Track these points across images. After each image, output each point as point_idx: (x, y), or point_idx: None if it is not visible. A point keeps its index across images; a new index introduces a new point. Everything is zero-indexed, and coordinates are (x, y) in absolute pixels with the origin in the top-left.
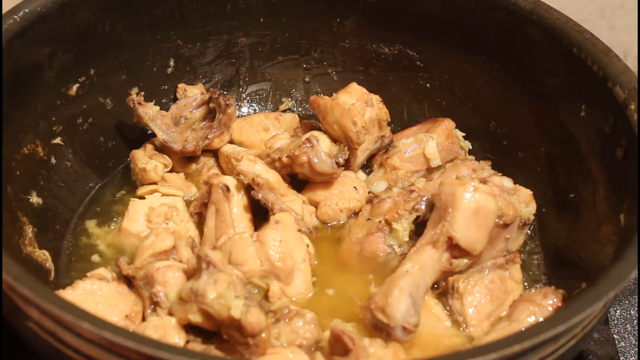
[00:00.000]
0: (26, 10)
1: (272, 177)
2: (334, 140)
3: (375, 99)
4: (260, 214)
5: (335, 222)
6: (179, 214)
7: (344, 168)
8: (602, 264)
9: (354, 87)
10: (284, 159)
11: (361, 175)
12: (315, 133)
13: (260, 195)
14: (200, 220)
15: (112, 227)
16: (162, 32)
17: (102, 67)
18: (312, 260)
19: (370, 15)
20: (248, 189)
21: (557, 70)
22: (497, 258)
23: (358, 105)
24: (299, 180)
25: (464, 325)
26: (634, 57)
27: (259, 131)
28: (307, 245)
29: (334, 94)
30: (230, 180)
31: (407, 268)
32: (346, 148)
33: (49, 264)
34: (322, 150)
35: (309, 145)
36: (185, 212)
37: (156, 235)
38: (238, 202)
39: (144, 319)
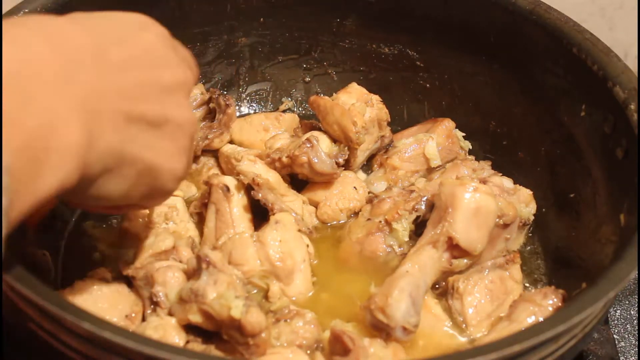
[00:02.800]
0: (26, 11)
1: (272, 177)
2: (334, 140)
3: (375, 99)
4: (260, 214)
5: (335, 222)
6: (179, 214)
7: (344, 168)
8: (602, 264)
9: (354, 87)
10: (284, 159)
11: (361, 175)
12: (315, 133)
13: (260, 195)
14: (200, 220)
15: (112, 227)
16: None
17: None
18: (312, 260)
19: (370, 15)
20: (248, 189)
21: (557, 70)
22: (497, 258)
23: (358, 106)
24: (299, 180)
25: (464, 325)
26: (634, 57)
27: (259, 131)
28: (307, 245)
29: (334, 94)
30: (230, 180)
31: (407, 268)
32: (346, 148)
33: (49, 264)
34: (322, 151)
35: (309, 146)
36: (185, 212)
37: (156, 235)
38: (238, 202)
39: (144, 319)
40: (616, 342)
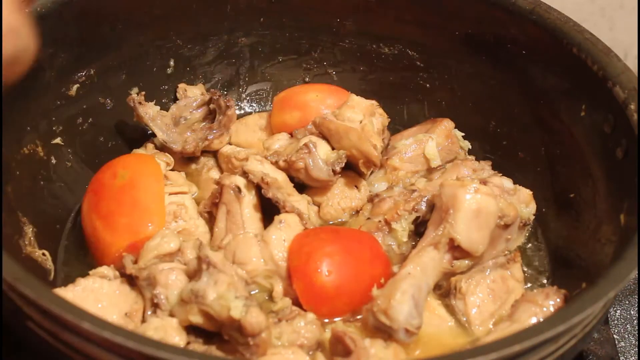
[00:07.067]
0: (26, 11)
1: (279, 176)
2: (333, 147)
3: (375, 105)
4: (268, 214)
5: (338, 220)
6: (188, 211)
7: (340, 175)
8: (602, 264)
9: (355, 99)
10: (281, 163)
11: None
12: (314, 138)
13: (270, 193)
14: (210, 219)
15: None
16: (162, 32)
17: (102, 67)
18: None
19: (370, 15)
20: (258, 188)
21: (557, 70)
22: (497, 258)
23: (368, 124)
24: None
25: (468, 325)
26: (634, 57)
27: (255, 131)
28: None
29: (335, 110)
30: (241, 181)
31: (409, 270)
32: (344, 156)
33: (49, 264)
34: (319, 157)
35: (306, 152)
36: (194, 208)
37: (162, 237)
38: (249, 202)
39: (144, 319)
40: (616, 342)
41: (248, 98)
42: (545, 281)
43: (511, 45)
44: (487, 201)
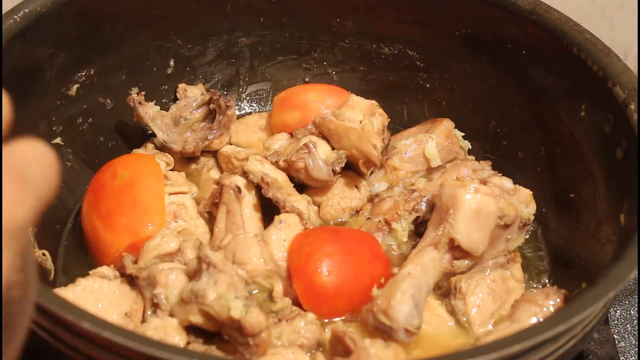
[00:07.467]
0: (26, 10)
1: (279, 176)
2: (333, 147)
3: (375, 105)
4: (268, 214)
5: (338, 220)
6: (188, 211)
7: (340, 175)
8: (602, 264)
9: (355, 99)
10: (281, 163)
11: None
12: (314, 138)
13: (270, 194)
14: (210, 219)
15: None
16: (162, 32)
17: (102, 67)
18: None
19: (370, 15)
20: (258, 188)
21: (557, 70)
22: (497, 258)
23: (368, 124)
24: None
25: (468, 325)
26: (634, 57)
27: (255, 131)
28: None
29: (335, 110)
30: (241, 181)
31: (409, 270)
32: (344, 156)
33: (49, 264)
34: (319, 157)
35: (306, 152)
36: (194, 208)
37: (162, 237)
38: (249, 202)
39: (144, 318)
40: (616, 342)
41: (248, 98)
42: (545, 282)
43: (511, 45)
44: (487, 201)
